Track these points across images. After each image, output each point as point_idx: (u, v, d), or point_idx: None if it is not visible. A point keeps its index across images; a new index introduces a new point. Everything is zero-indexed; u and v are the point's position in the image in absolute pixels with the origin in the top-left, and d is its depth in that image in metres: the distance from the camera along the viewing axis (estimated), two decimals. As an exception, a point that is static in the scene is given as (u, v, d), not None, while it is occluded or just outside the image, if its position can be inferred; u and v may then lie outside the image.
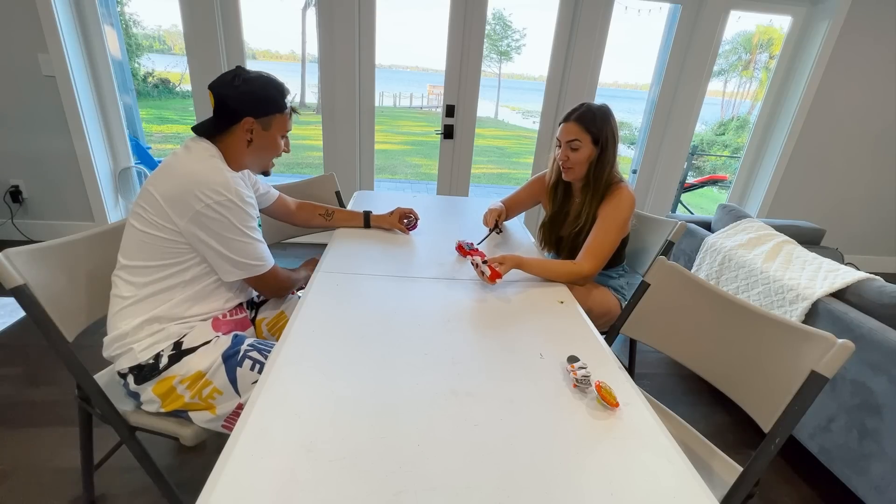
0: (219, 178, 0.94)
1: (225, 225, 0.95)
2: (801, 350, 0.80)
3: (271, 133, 1.07)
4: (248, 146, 1.05)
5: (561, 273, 1.28)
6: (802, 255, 1.63)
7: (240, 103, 1.01)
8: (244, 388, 0.97)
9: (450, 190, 2.96)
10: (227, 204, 0.94)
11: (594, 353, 0.92)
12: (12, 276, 0.82)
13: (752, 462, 0.80)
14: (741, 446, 1.60)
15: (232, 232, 0.96)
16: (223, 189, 0.94)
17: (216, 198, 0.93)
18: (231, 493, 0.55)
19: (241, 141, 1.04)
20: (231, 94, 1.00)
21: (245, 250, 1.00)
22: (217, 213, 0.93)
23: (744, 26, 3.68)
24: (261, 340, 1.05)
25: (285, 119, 1.08)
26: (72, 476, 1.27)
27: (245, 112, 1.01)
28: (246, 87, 1.01)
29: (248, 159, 1.08)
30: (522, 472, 0.62)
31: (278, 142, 1.10)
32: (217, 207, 0.93)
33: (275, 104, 1.04)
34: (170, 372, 0.95)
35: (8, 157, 2.50)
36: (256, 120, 1.02)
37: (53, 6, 2.20)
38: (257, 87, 1.02)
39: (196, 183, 0.92)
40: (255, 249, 1.02)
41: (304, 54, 15.22)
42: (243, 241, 0.99)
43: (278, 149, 1.11)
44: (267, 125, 1.05)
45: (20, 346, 1.79)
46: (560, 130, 1.37)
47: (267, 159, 1.12)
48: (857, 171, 3.05)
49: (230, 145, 1.04)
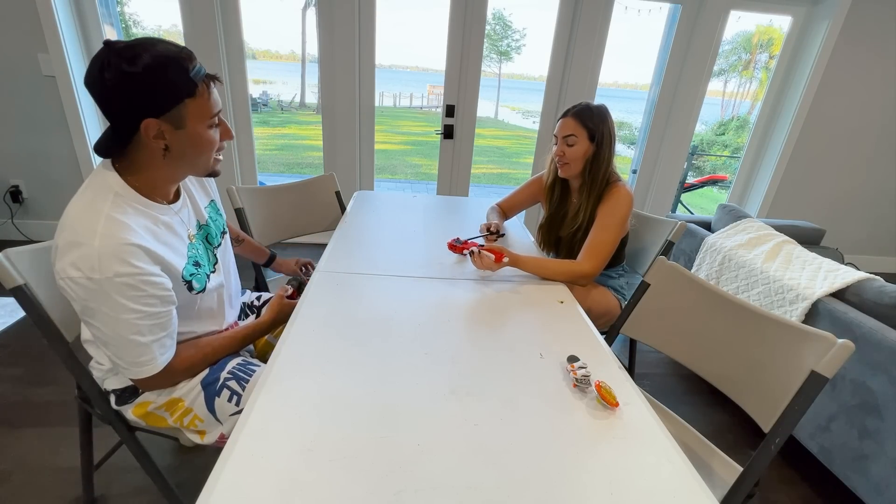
0: (85, 243, 0.68)
1: (86, 309, 0.71)
2: (801, 350, 0.80)
3: (190, 128, 0.76)
4: (166, 156, 0.76)
5: (560, 272, 1.28)
6: (802, 255, 1.63)
7: (125, 103, 0.70)
8: (223, 418, 0.90)
9: (450, 190, 2.96)
10: (87, 284, 0.68)
11: (594, 353, 0.92)
12: (12, 276, 0.82)
13: (752, 462, 0.80)
14: (741, 446, 1.60)
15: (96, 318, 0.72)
16: (87, 261, 0.67)
17: (73, 274, 0.67)
18: (231, 493, 0.55)
19: (154, 152, 0.75)
20: (107, 93, 0.70)
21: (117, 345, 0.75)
22: (75, 293, 0.69)
23: (744, 26, 3.67)
24: (244, 363, 0.95)
25: (203, 102, 0.75)
26: (72, 476, 1.27)
27: (138, 114, 0.71)
28: (122, 78, 0.68)
29: (175, 171, 0.81)
30: (522, 471, 0.62)
31: (207, 134, 0.79)
32: (74, 287, 0.68)
33: (176, 88, 0.72)
34: (146, 397, 0.90)
35: (8, 157, 2.50)
36: (160, 119, 0.72)
37: (53, 6, 2.20)
38: (142, 73, 0.68)
39: (57, 246, 0.70)
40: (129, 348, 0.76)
41: (304, 54, 15.23)
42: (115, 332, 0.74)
43: (211, 143, 0.80)
44: (178, 121, 0.74)
45: (20, 346, 1.79)
46: (558, 126, 1.38)
47: (202, 161, 0.82)
48: (857, 171, 3.05)
49: (141, 162, 0.77)
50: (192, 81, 0.73)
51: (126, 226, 0.72)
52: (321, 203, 1.74)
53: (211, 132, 0.80)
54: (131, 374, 0.80)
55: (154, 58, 0.70)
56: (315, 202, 1.49)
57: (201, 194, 1.00)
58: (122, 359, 0.78)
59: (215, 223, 1.01)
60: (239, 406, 0.89)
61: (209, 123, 0.79)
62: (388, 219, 1.68)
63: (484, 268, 1.21)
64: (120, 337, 0.74)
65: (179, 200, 0.89)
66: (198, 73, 0.75)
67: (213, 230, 0.99)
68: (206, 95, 0.76)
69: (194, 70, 0.74)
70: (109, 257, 0.69)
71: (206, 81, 0.76)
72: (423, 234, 1.53)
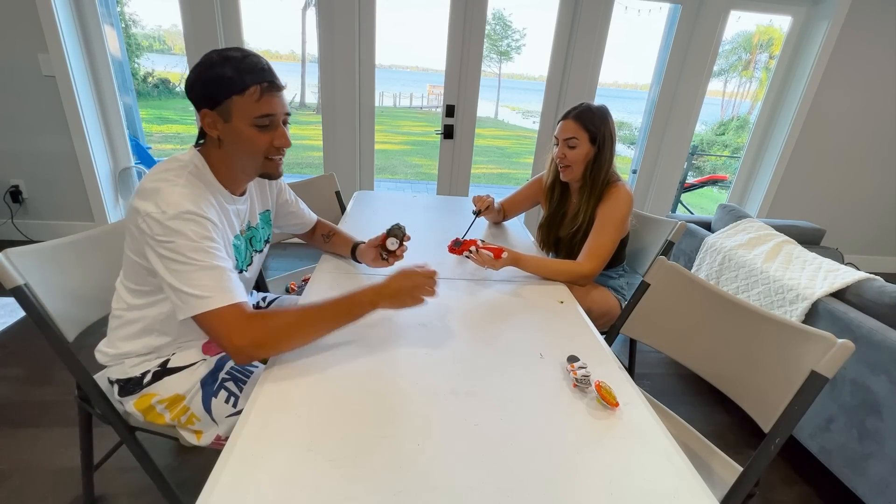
0: (165, 191, 0.78)
1: (160, 244, 0.77)
2: (801, 350, 0.80)
3: (234, 123, 0.82)
4: (221, 146, 0.86)
5: (560, 272, 1.28)
6: (802, 255, 1.63)
7: (191, 92, 0.83)
8: (219, 419, 0.89)
9: (450, 190, 2.96)
10: (161, 218, 0.75)
11: (594, 353, 0.92)
12: (12, 276, 0.82)
13: (752, 462, 0.80)
14: (741, 446, 1.60)
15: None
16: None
17: (150, 209, 0.76)
18: (231, 493, 0.55)
19: (214, 142, 0.86)
20: (187, 83, 0.83)
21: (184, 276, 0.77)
22: (151, 229, 0.76)
23: (744, 26, 3.68)
24: (242, 366, 0.95)
25: (250, 102, 0.81)
26: (72, 476, 1.27)
27: (199, 103, 0.83)
28: (197, 70, 0.81)
29: (232, 164, 0.88)
30: (522, 471, 0.62)
31: (253, 135, 0.84)
32: (151, 223, 0.76)
33: (227, 83, 0.79)
34: (151, 389, 0.91)
35: (8, 157, 2.50)
36: (212, 111, 0.82)
37: (53, 6, 2.20)
38: (205, 66, 0.80)
39: (142, 189, 0.80)
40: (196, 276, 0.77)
41: (304, 54, 15.21)
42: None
43: (257, 144, 0.85)
44: (226, 115, 0.82)
45: (20, 346, 1.79)
46: (558, 128, 1.37)
47: (250, 159, 0.87)
48: (857, 171, 3.05)
49: (210, 151, 0.87)
50: (243, 81, 0.80)
51: (198, 196, 0.81)
52: (321, 203, 1.74)
53: (257, 132, 0.84)
54: (214, 302, 0.75)
55: (219, 56, 0.81)
56: (315, 202, 1.49)
57: (260, 202, 1.09)
58: (195, 292, 0.75)
59: (262, 230, 1.09)
60: (237, 408, 0.89)
61: (255, 123, 0.83)
62: (388, 219, 1.68)
63: (484, 264, 1.21)
64: (194, 266, 0.75)
65: (244, 197, 0.97)
66: (252, 77, 0.81)
67: (259, 235, 1.08)
68: (256, 97, 0.82)
69: (250, 74, 0.81)
70: (180, 203, 0.77)
71: (262, 86, 0.82)
72: (423, 234, 1.53)
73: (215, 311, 0.75)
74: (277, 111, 0.85)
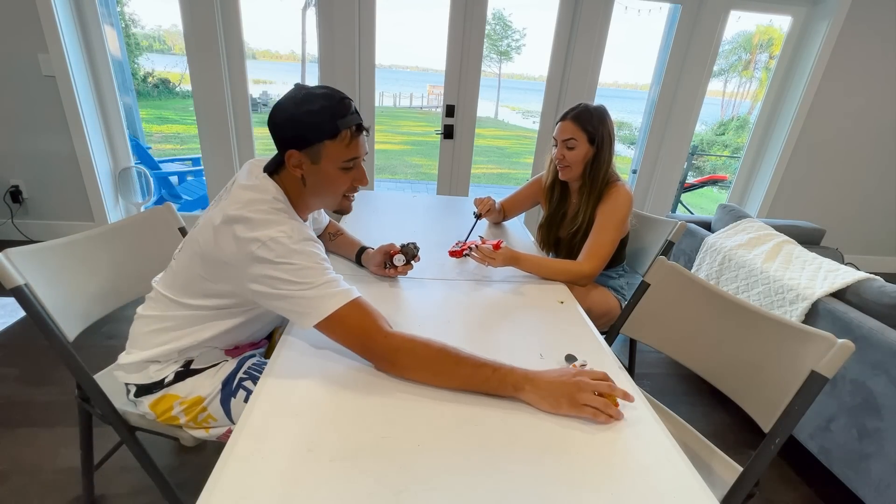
0: (283, 222, 0.82)
1: (276, 265, 0.80)
2: (801, 350, 0.80)
3: (323, 166, 0.85)
4: (304, 185, 0.88)
5: (560, 272, 1.28)
6: (802, 255, 1.63)
7: (281, 132, 0.84)
8: (237, 418, 0.90)
9: (450, 190, 2.96)
10: (287, 242, 0.80)
11: (594, 353, 0.92)
12: (12, 276, 0.82)
13: (752, 462, 0.80)
14: (741, 446, 1.60)
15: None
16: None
17: (277, 235, 0.79)
18: (231, 493, 0.55)
19: (294, 180, 0.87)
20: (274, 120, 0.84)
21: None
22: (273, 251, 0.80)
23: (744, 26, 3.68)
24: (259, 363, 0.98)
25: (341, 146, 0.84)
26: (72, 476, 1.27)
27: (287, 143, 0.84)
28: (287, 110, 0.82)
29: (309, 200, 0.91)
30: (522, 472, 0.62)
31: (338, 176, 0.87)
32: (275, 246, 0.79)
33: (319, 129, 0.82)
34: (171, 390, 0.91)
35: (8, 157, 2.50)
36: (301, 152, 0.84)
37: (53, 6, 2.20)
38: (298, 108, 0.81)
39: (249, 219, 0.82)
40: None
41: (304, 54, 15.17)
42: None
43: (340, 184, 0.89)
44: (315, 157, 0.84)
45: (20, 346, 1.79)
46: (557, 129, 1.38)
47: (330, 198, 0.92)
48: (857, 171, 3.05)
49: (286, 184, 0.89)
50: (337, 127, 0.82)
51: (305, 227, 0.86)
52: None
53: (342, 174, 0.88)
54: (336, 302, 0.78)
55: (315, 96, 0.82)
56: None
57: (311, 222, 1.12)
58: (319, 294, 0.78)
59: None
60: None
61: (342, 166, 0.87)
62: (388, 219, 1.69)
63: (485, 259, 1.22)
64: (315, 278, 0.79)
65: (307, 223, 1.01)
66: (344, 122, 0.83)
67: None
68: (347, 141, 0.84)
69: (342, 118, 0.83)
70: (302, 230, 0.82)
71: (352, 130, 0.84)
72: (423, 234, 1.53)
73: (347, 306, 0.79)
74: (361, 153, 0.88)
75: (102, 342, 1.77)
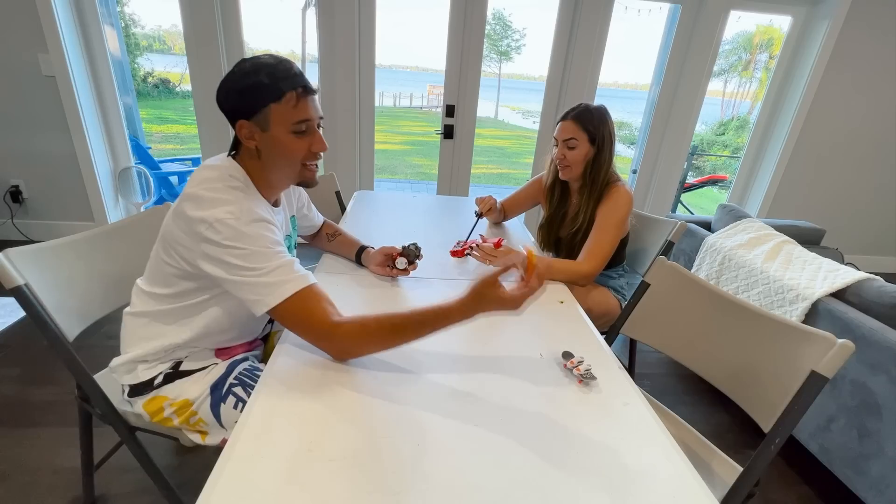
0: (233, 201, 0.80)
1: (226, 249, 0.78)
2: (801, 350, 0.80)
3: (273, 131, 0.82)
4: (260, 156, 0.85)
5: (560, 271, 1.28)
6: (802, 255, 1.63)
7: (227, 104, 0.82)
8: (228, 425, 0.90)
9: (450, 190, 2.96)
10: (234, 224, 0.77)
11: (594, 353, 0.92)
12: (12, 276, 0.82)
13: (752, 462, 0.80)
14: (741, 446, 1.60)
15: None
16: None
17: (224, 216, 0.77)
18: (231, 493, 0.55)
19: (251, 153, 0.85)
20: (219, 96, 0.82)
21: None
22: (221, 233, 0.78)
23: (744, 26, 3.67)
24: (251, 368, 0.96)
25: (287, 108, 0.80)
26: (72, 476, 1.27)
27: (235, 114, 0.82)
28: (229, 81, 0.81)
29: (271, 174, 0.88)
30: (522, 472, 0.62)
31: (291, 142, 0.83)
32: (222, 228, 0.77)
33: (262, 92, 0.79)
34: (161, 391, 0.91)
35: (8, 157, 2.50)
36: (250, 121, 0.81)
37: (53, 6, 2.20)
38: (240, 78, 0.79)
39: (199, 196, 0.80)
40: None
41: (304, 54, 15.17)
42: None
43: (295, 151, 0.84)
44: (264, 123, 0.81)
45: (20, 346, 1.79)
46: (557, 129, 1.38)
47: (289, 167, 0.87)
48: (857, 170, 3.05)
49: (246, 162, 0.86)
50: (280, 88, 0.79)
51: (259, 205, 0.84)
52: (321, 203, 1.73)
53: (295, 139, 0.84)
54: (290, 289, 0.77)
55: (251, 65, 0.80)
56: (315, 202, 1.49)
57: (289, 209, 1.09)
58: (270, 281, 0.77)
59: (292, 237, 1.10)
60: None
61: (293, 129, 0.83)
62: (388, 219, 1.69)
63: (487, 258, 1.22)
64: (265, 263, 0.77)
65: (280, 208, 0.98)
66: (286, 83, 0.80)
67: (292, 243, 1.09)
68: (293, 103, 0.81)
69: (285, 80, 0.79)
70: (252, 211, 0.79)
71: (297, 90, 0.81)
72: (423, 234, 1.53)
73: (298, 294, 0.77)
74: (313, 116, 0.84)
75: (102, 342, 1.77)
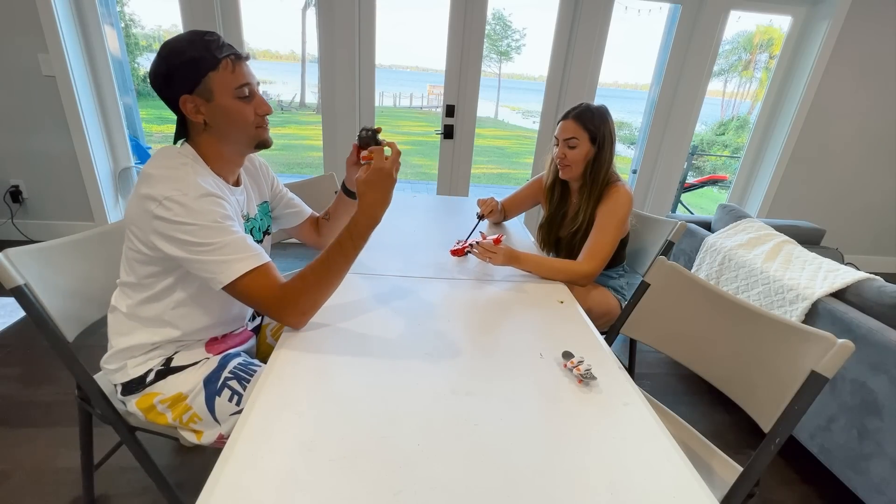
0: (181, 178, 0.81)
1: (179, 226, 0.79)
2: (801, 350, 0.80)
3: (218, 101, 0.83)
4: (207, 129, 0.86)
5: (559, 271, 1.28)
6: (802, 255, 1.63)
7: (164, 86, 0.83)
8: (223, 419, 0.90)
9: (450, 190, 2.96)
10: (183, 200, 0.79)
11: (594, 353, 0.91)
12: (12, 276, 0.82)
13: (752, 462, 0.80)
14: (741, 446, 1.60)
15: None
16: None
17: (172, 193, 0.79)
18: (231, 493, 0.55)
19: (199, 128, 0.86)
20: (154, 82, 0.83)
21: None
22: (172, 211, 0.79)
23: (744, 26, 3.67)
24: (245, 363, 0.96)
25: (226, 74, 0.83)
26: (72, 476, 1.27)
27: (175, 92, 0.82)
28: (161, 65, 0.82)
29: (223, 147, 0.89)
30: (522, 472, 0.62)
31: (238, 107, 0.85)
32: (172, 205, 0.78)
33: (199, 63, 0.81)
34: (153, 388, 0.91)
35: (8, 157, 2.50)
36: (193, 94, 0.82)
37: (53, 6, 2.20)
38: (171, 59, 0.81)
39: (151, 175, 0.83)
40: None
41: (304, 54, 15.22)
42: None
43: (245, 115, 0.86)
44: (208, 94, 0.83)
45: (20, 346, 1.79)
46: (558, 128, 1.38)
47: (241, 134, 0.88)
48: (857, 171, 3.05)
49: (198, 141, 0.88)
50: (215, 56, 0.81)
51: (210, 182, 0.85)
52: (321, 203, 1.73)
53: (241, 104, 0.85)
54: (242, 267, 0.80)
55: (177, 40, 0.81)
56: (315, 202, 1.50)
57: (257, 194, 1.09)
58: (222, 259, 0.79)
59: (261, 222, 1.09)
60: (240, 406, 0.89)
61: (237, 95, 0.85)
62: (387, 219, 1.67)
63: (487, 255, 1.22)
64: (216, 238, 0.79)
65: (240, 188, 0.98)
66: (220, 51, 0.82)
67: (257, 226, 1.07)
68: (231, 69, 0.83)
69: (218, 48, 0.82)
70: (200, 186, 0.80)
71: (230, 57, 0.83)
72: (422, 234, 1.53)
73: (251, 273, 0.81)
74: (251, 80, 0.87)
75: (102, 342, 1.76)
